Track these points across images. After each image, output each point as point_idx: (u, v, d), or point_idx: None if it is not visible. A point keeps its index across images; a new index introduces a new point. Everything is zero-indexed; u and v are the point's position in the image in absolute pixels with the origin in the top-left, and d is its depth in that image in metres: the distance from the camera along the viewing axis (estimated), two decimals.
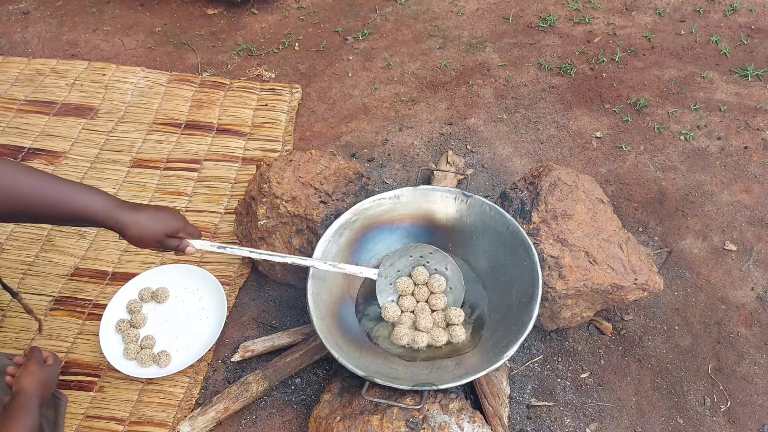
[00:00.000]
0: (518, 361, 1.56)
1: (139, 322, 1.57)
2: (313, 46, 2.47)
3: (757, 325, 1.62)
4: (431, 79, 2.31)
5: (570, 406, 1.49)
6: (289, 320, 1.66)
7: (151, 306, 1.62)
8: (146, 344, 1.54)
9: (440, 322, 1.45)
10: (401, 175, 2.00)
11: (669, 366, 1.55)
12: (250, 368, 1.55)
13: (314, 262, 1.39)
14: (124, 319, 1.58)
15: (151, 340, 1.55)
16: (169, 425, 1.46)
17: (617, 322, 1.63)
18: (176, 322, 1.60)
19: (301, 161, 1.60)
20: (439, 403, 1.28)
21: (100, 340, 1.53)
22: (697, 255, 1.76)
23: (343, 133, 2.14)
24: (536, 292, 1.34)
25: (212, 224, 1.85)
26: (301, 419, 1.48)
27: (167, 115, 2.16)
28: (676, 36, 2.43)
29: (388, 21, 2.57)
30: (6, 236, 1.81)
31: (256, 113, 2.17)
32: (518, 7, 2.60)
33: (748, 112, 2.13)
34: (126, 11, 2.64)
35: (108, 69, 2.31)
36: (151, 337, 1.56)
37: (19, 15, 2.62)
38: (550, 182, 1.50)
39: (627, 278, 1.44)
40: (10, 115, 2.14)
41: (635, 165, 1.99)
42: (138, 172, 1.98)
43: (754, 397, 1.50)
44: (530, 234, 1.46)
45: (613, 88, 2.24)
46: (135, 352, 1.52)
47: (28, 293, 1.69)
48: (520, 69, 2.33)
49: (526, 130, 2.12)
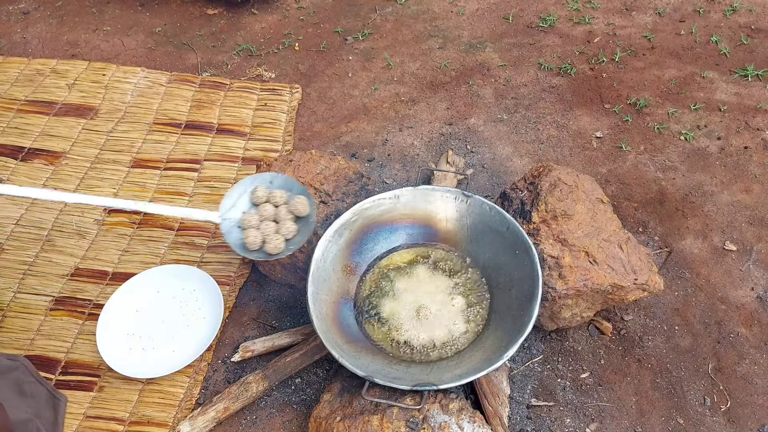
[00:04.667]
0: (518, 361, 1.56)
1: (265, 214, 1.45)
2: (313, 46, 2.47)
3: (757, 325, 1.62)
4: (431, 79, 2.31)
5: (570, 406, 1.49)
6: (289, 320, 1.66)
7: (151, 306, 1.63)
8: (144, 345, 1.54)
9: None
10: (401, 175, 2.00)
11: (669, 366, 1.55)
12: (250, 368, 1.55)
13: (150, 206, 1.36)
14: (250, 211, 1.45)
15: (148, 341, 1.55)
16: (169, 425, 1.46)
17: (617, 322, 1.63)
18: (173, 322, 1.60)
19: (301, 161, 1.60)
20: (439, 403, 1.28)
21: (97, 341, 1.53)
22: (697, 255, 1.76)
23: (343, 133, 2.14)
24: (536, 292, 1.34)
25: (212, 224, 1.85)
26: (301, 419, 1.48)
27: (167, 115, 2.16)
28: (676, 36, 2.43)
29: (388, 21, 2.57)
30: (6, 236, 1.81)
31: (256, 113, 2.17)
32: (518, 7, 2.60)
33: (748, 112, 2.13)
34: (126, 11, 2.64)
35: (108, 69, 2.31)
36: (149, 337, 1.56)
37: (19, 15, 2.62)
38: (550, 182, 1.50)
39: (627, 278, 1.44)
40: (10, 115, 2.14)
41: (635, 165, 1.99)
42: (138, 172, 1.98)
43: (754, 397, 1.50)
44: (530, 234, 1.46)
45: (613, 88, 2.24)
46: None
47: (28, 293, 1.69)
48: (520, 69, 2.33)
49: (526, 130, 2.12)
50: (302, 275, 1.52)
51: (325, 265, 1.46)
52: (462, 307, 1.47)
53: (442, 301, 1.48)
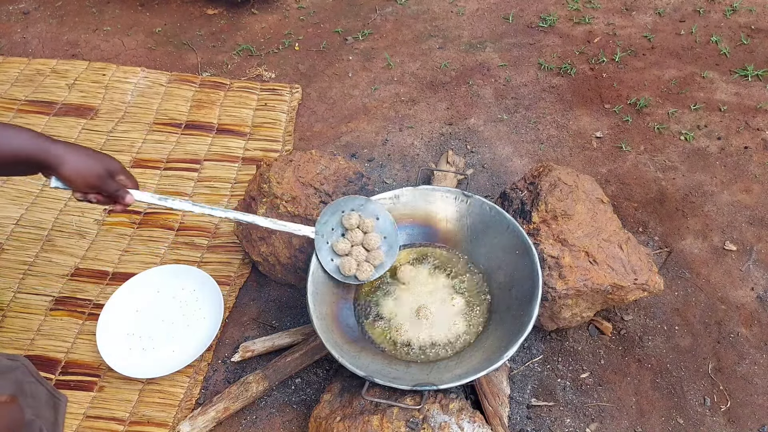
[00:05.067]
0: (518, 361, 1.56)
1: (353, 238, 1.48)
2: (313, 46, 2.47)
3: (757, 325, 1.62)
4: (431, 79, 2.31)
5: (570, 406, 1.49)
6: (289, 320, 1.66)
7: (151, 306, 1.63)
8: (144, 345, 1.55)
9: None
10: (401, 175, 2.00)
11: (669, 366, 1.55)
12: (250, 368, 1.55)
13: (255, 218, 1.36)
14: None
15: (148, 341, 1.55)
16: (169, 425, 1.46)
17: (617, 322, 1.63)
18: (173, 322, 1.60)
19: (301, 161, 1.60)
20: (439, 403, 1.28)
21: (97, 341, 1.53)
22: (697, 255, 1.76)
23: (343, 133, 2.14)
24: (536, 292, 1.34)
25: (212, 224, 1.85)
26: (301, 419, 1.48)
27: (167, 115, 2.16)
28: (676, 36, 2.43)
29: (388, 21, 2.57)
30: (6, 236, 1.81)
31: (256, 113, 2.17)
32: (518, 7, 2.60)
33: (748, 112, 2.13)
34: (126, 11, 2.64)
35: (108, 69, 2.31)
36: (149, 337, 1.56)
37: (19, 15, 2.62)
38: (550, 182, 1.50)
39: (627, 278, 1.44)
40: (10, 115, 2.14)
41: (635, 165, 1.99)
42: (138, 172, 1.98)
43: (754, 397, 1.50)
44: (530, 234, 1.46)
45: (613, 88, 2.24)
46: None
47: (28, 293, 1.69)
48: (520, 69, 2.33)
49: (526, 130, 2.12)
50: (302, 275, 1.52)
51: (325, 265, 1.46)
52: (462, 307, 1.47)
53: (442, 301, 1.48)
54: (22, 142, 0.97)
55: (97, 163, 1.04)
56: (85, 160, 1.02)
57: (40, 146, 0.98)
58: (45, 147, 0.99)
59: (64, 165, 1.01)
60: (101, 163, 1.05)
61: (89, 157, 1.04)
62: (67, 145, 1.03)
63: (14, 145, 0.97)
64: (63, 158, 1.00)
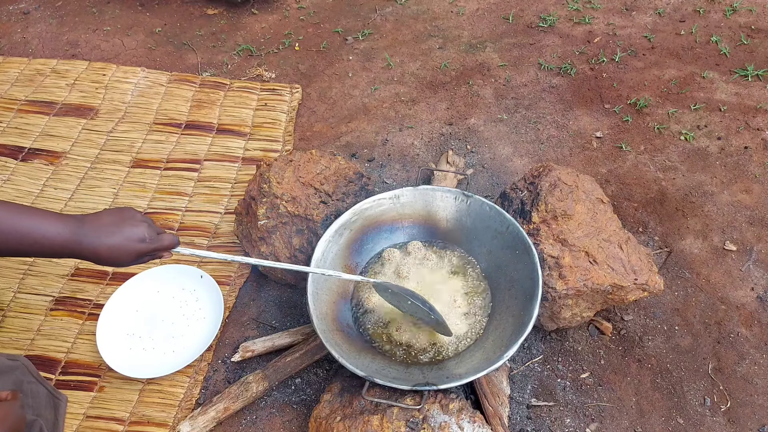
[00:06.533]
0: (518, 361, 1.56)
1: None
2: (313, 46, 2.47)
3: (757, 325, 1.62)
4: (431, 79, 2.31)
5: (570, 406, 1.49)
6: (289, 320, 1.66)
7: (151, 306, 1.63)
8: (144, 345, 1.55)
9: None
10: (401, 175, 2.00)
11: (669, 366, 1.55)
12: (250, 368, 1.55)
13: (313, 269, 1.32)
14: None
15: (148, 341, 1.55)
16: (170, 425, 1.46)
17: (617, 322, 1.63)
18: (173, 322, 1.60)
19: (301, 161, 1.60)
20: (439, 403, 1.28)
21: (97, 341, 1.53)
22: (697, 255, 1.76)
23: (343, 133, 2.14)
24: (536, 292, 1.34)
25: (212, 224, 1.85)
26: (301, 419, 1.48)
27: (167, 115, 2.16)
28: (676, 36, 2.43)
29: (388, 21, 2.57)
30: None
31: (256, 113, 2.17)
32: (518, 7, 2.60)
33: (748, 112, 2.13)
34: (126, 11, 2.64)
35: (108, 69, 2.31)
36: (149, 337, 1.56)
37: (20, 15, 2.62)
38: (550, 182, 1.50)
39: (627, 278, 1.44)
40: (10, 115, 2.14)
41: (635, 165, 1.99)
42: (138, 172, 1.98)
43: (754, 397, 1.50)
44: (530, 234, 1.46)
45: (613, 88, 2.24)
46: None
47: (28, 293, 1.69)
48: (520, 69, 2.33)
49: (526, 130, 2.12)
50: (302, 275, 1.52)
51: (325, 265, 1.46)
52: (462, 307, 1.47)
53: (442, 301, 1.48)
54: (53, 246, 1.02)
55: (127, 243, 1.07)
56: (117, 247, 1.06)
57: (73, 249, 1.03)
58: (77, 249, 1.03)
59: (100, 259, 1.06)
60: (130, 242, 1.08)
61: (119, 239, 1.07)
62: (95, 234, 1.05)
63: (45, 249, 1.02)
64: (96, 252, 1.05)
